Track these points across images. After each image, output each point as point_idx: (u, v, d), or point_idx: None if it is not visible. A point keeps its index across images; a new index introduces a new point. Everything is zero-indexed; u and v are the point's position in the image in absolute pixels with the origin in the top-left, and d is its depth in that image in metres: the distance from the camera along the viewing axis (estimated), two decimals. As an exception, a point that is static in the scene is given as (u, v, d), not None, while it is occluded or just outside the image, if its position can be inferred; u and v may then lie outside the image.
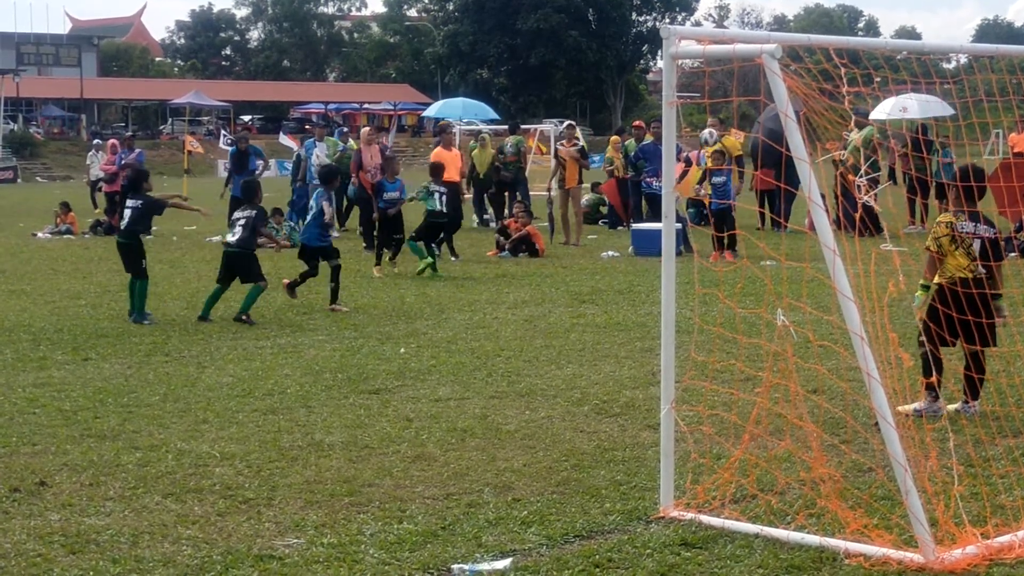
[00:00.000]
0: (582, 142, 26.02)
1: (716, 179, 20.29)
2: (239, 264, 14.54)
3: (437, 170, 19.24)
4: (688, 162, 21.93)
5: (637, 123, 27.40)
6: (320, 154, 25.38)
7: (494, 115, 42.90)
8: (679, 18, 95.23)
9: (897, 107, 24.96)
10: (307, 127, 75.92)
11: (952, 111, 23.30)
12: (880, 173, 23.61)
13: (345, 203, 26.71)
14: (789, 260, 8.07)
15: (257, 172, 28.24)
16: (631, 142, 25.89)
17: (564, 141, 25.43)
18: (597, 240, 24.38)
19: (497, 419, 9.45)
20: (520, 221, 22.09)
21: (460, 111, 40.42)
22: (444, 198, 18.71)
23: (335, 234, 25.00)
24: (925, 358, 9.07)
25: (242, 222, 14.64)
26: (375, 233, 19.98)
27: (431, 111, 45.18)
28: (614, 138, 28.01)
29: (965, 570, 6.08)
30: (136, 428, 9.26)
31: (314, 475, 7.94)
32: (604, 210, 27.53)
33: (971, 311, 8.61)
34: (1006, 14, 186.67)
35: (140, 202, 14.83)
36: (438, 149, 24.03)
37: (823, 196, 6.67)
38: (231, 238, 14.65)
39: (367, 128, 26.31)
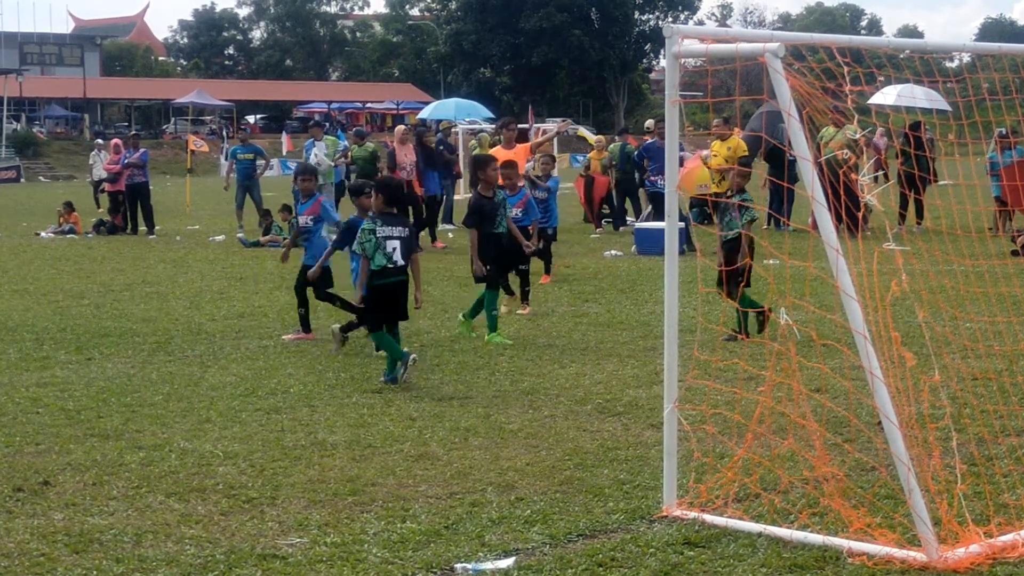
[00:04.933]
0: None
1: (539, 194, 17.55)
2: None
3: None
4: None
5: (650, 123, 27.81)
6: (319, 153, 25.35)
7: (488, 113, 42.87)
8: (682, 17, 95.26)
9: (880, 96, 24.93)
10: (308, 125, 76.07)
11: (944, 108, 23.24)
12: (883, 172, 23.65)
13: None
14: (792, 259, 8.06)
15: (259, 172, 28.34)
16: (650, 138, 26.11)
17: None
18: (600, 239, 24.39)
19: (500, 418, 9.45)
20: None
21: (453, 112, 40.41)
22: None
23: None
24: None
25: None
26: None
27: (424, 113, 45.28)
28: (598, 137, 28.85)
29: (968, 569, 6.07)
30: (139, 427, 9.27)
31: (317, 474, 7.94)
32: (606, 210, 27.56)
33: None
34: (1011, 12, 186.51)
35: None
36: (496, 148, 20.65)
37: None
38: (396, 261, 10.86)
39: (401, 127, 26.05)
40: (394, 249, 10.73)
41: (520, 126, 30.03)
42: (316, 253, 12.96)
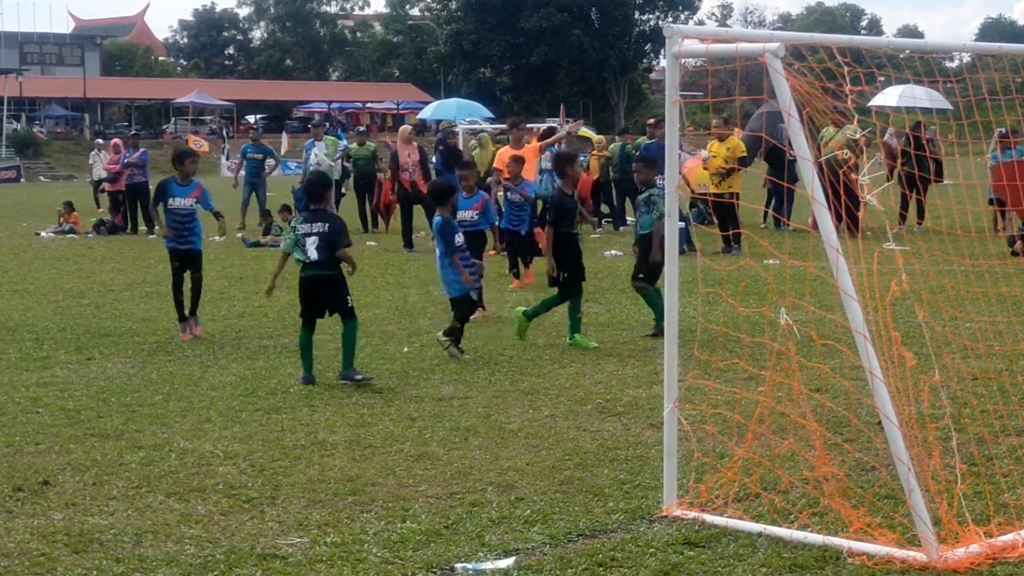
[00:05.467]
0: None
1: (512, 196, 17.27)
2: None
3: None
4: None
5: (651, 121, 27.82)
6: (319, 153, 25.41)
7: (488, 113, 43.02)
8: (682, 17, 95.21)
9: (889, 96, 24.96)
10: (308, 126, 76.18)
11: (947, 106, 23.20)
12: (882, 172, 23.63)
13: (369, 206, 26.74)
14: (792, 259, 8.06)
15: (267, 172, 28.39)
16: (642, 139, 26.15)
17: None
18: (600, 239, 24.39)
19: (500, 418, 9.45)
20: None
21: (455, 112, 40.55)
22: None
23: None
24: None
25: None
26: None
27: (426, 113, 45.35)
28: (599, 137, 29.57)
29: (968, 569, 6.07)
30: (139, 427, 9.27)
31: (317, 474, 7.94)
32: (605, 209, 27.56)
33: None
34: (1011, 12, 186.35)
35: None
36: (504, 148, 20.39)
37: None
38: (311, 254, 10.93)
39: (407, 126, 26.13)
40: (310, 245, 10.82)
41: (528, 124, 30.10)
42: (197, 239, 13.36)
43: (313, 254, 10.83)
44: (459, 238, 12.23)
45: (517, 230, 17.21)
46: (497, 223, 14.95)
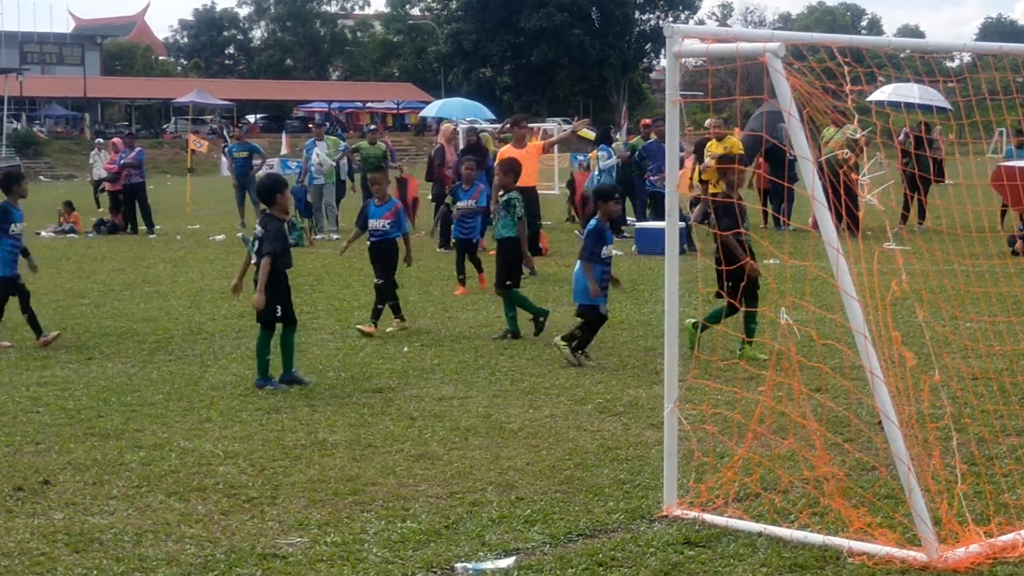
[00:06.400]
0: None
1: (463, 203, 16.41)
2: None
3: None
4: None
5: (645, 121, 27.69)
6: (320, 153, 25.41)
7: (490, 115, 43.09)
8: (682, 16, 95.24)
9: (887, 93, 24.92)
10: (309, 125, 76.15)
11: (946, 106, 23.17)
12: (882, 172, 23.60)
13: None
14: (792, 259, 8.06)
15: (254, 170, 28.35)
16: (637, 139, 26.12)
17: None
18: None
19: (500, 418, 9.45)
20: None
21: (460, 111, 40.59)
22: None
23: (334, 236, 25.08)
24: None
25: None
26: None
27: (430, 111, 45.35)
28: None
29: (968, 569, 6.08)
30: (139, 427, 9.27)
31: (317, 474, 7.94)
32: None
33: None
34: (1011, 12, 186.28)
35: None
36: (506, 147, 19.27)
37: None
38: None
39: (448, 125, 26.05)
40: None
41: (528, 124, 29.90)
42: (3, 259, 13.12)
43: (254, 257, 10.87)
44: (606, 250, 11.68)
45: (468, 238, 16.51)
46: (409, 233, 13.88)
